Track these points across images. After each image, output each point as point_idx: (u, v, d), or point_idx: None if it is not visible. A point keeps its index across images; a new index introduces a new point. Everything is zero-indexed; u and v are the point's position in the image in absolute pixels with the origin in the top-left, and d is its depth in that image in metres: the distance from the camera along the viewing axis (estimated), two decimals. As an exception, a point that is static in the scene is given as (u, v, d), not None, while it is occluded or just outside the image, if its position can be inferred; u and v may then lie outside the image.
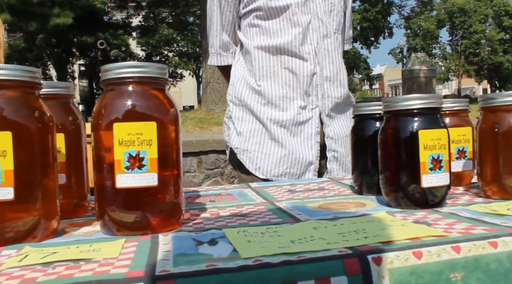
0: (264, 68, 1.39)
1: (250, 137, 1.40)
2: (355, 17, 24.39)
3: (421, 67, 11.72)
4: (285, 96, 1.38)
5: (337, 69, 1.42)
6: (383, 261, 0.49)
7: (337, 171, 1.42)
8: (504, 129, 0.80)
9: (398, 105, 0.77)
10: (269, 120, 1.38)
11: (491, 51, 31.12)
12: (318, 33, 1.38)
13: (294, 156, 1.37)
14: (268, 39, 1.38)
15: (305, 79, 1.37)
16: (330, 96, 1.41)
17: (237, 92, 1.44)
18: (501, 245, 0.52)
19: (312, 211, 0.77)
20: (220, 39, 1.51)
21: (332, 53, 1.41)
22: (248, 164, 1.40)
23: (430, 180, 0.74)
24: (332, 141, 1.42)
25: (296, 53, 1.37)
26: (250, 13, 1.41)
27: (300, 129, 1.38)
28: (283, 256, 0.49)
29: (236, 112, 1.44)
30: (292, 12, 1.36)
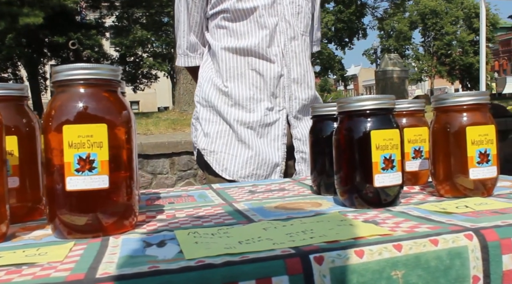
0: (231, 69, 1.39)
1: (217, 138, 1.40)
2: (330, 18, 24.61)
3: (394, 68, 11.87)
4: (252, 98, 1.38)
5: (304, 71, 1.44)
6: (324, 260, 0.49)
7: (305, 172, 1.42)
8: (456, 129, 0.82)
9: (351, 106, 0.78)
10: (236, 121, 1.38)
11: (462, 52, 31.70)
12: (286, 35, 1.39)
13: (261, 158, 1.37)
14: (235, 41, 1.38)
15: (272, 81, 1.38)
16: (298, 98, 1.42)
17: (204, 93, 1.44)
18: (441, 242, 0.54)
19: (267, 212, 0.77)
20: (187, 40, 1.50)
21: (300, 55, 1.42)
22: (215, 165, 1.40)
23: (382, 180, 0.75)
24: (300, 143, 1.43)
25: (263, 55, 1.37)
26: (217, 15, 1.41)
27: (267, 130, 1.39)
28: (227, 257, 0.50)
29: (203, 113, 1.44)
30: (259, 14, 1.36)
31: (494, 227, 0.57)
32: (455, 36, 31.72)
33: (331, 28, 25.80)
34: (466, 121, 0.82)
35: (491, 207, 0.71)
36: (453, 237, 0.54)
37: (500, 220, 0.61)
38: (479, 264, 0.54)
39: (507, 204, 0.72)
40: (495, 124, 0.83)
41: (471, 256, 0.54)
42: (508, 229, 0.57)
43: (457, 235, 0.55)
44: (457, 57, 31.73)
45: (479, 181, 0.81)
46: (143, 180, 4.47)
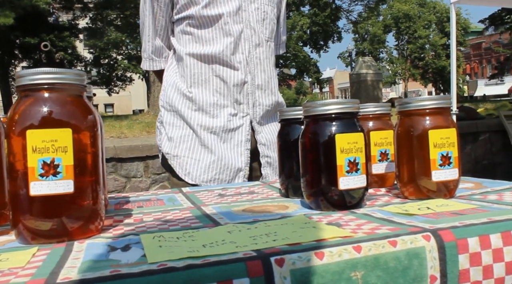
0: (195, 75, 1.40)
1: (180, 143, 1.41)
2: (305, 21, 24.75)
3: (367, 71, 11.99)
4: (216, 104, 1.39)
5: (268, 78, 1.45)
6: (285, 262, 0.50)
7: (271, 176, 1.45)
8: (419, 132, 0.84)
9: (316, 110, 0.79)
10: (199, 126, 1.39)
11: (435, 55, 32.25)
12: (250, 42, 1.40)
13: (223, 163, 1.38)
14: (200, 47, 1.39)
15: (235, 88, 1.39)
16: (261, 104, 1.44)
17: (168, 97, 1.44)
18: (400, 243, 0.55)
19: (234, 215, 0.78)
20: (152, 44, 1.50)
21: (264, 61, 1.43)
22: (178, 170, 1.40)
23: (347, 183, 0.77)
24: (264, 147, 1.45)
25: (227, 62, 1.38)
26: (183, 20, 1.41)
27: (231, 136, 1.40)
28: (189, 260, 0.50)
29: (167, 118, 1.44)
30: (224, 22, 1.37)
31: (451, 228, 0.59)
32: (427, 39, 32.27)
33: (307, 31, 25.97)
34: (428, 125, 0.84)
35: (451, 209, 0.73)
36: (411, 238, 0.56)
37: (458, 221, 0.62)
38: (436, 264, 0.56)
39: (466, 205, 0.74)
40: (457, 128, 0.86)
41: (429, 256, 0.56)
42: (465, 230, 0.59)
43: (415, 236, 0.56)
44: (430, 60, 32.27)
45: (442, 183, 0.84)
46: (117, 184, 4.43)
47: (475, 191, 0.89)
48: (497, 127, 6.02)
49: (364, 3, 25.66)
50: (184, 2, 1.38)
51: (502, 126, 5.83)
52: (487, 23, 23.61)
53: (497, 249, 0.59)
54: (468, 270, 0.58)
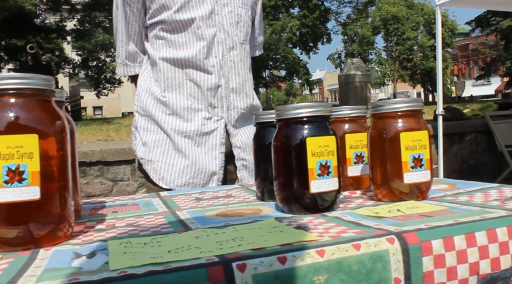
0: (169, 79, 1.40)
1: (154, 148, 1.40)
2: (294, 23, 24.79)
3: (356, 72, 12.05)
4: (190, 108, 1.39)
5: (243, 81, 1.45)
6: (247, 267, 0.50)
7: (247, 179, 1.45)
8: (391, 135, 0.85)
9: (288, 113, 0.79)
10: (173, 130, 1.39)
11: (423, 57, 32.46)
12: (224, 45, 1.40)
13: (197, 167, 1.39)
14: (174, 52, 1.38)
15: (209, 92, 1.39)
16: (236, 108, 1.44)
17: (142, 102, 1.44)
18: (363, 247, 0.55)
19: (206, 220, 0.78)
20: (126, 50, 1.50)
21: (239, 64, 1.43)
22: (152, 174, 1.41)
23: (318, 186, 0.77)
24: (240, 150, 1.46)
25: (200, 66, 1.38)
26: (156, 25, 1.41)
27: (205, 139, 1.40)
28: (150, 267, 0.50)
29: (141, 122, 1.44)
30: (196, 26, 1.36)
31: (416, 231, 0.59)
32: (416, 41, 32.47)
33: (296, 32, 26.02)
34: (400, 127, 0.84)
35: (421, 211, 0.73)
36: (375, 241, 0.56)
37: (424, 223, 0.63)
38: (400, 267, 0.56)
39: (436, 207, 0.75)
40: (428, 130, 0.86)
41: (392, 259, 0.56)
42: (429, 232, 0.59)
43: (379, 239, 0.57)
44: (418, 62, 32.49)
45: (414, 185, 0.84)
46: (103, 187, 4.41)
47: (447, 193, 0.90)
48: (482, 128, 6.05)
49: (353, 5, 25.79)
50: (156, 7, 1.38)
51: (488, 127, 5.86)
52: (473, 25, 23.84)
53: (461, 251, 0.60)
54: (432, 272, 0.58)
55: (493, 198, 0.81)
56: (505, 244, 0.63)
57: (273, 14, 25.14)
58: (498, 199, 0.80)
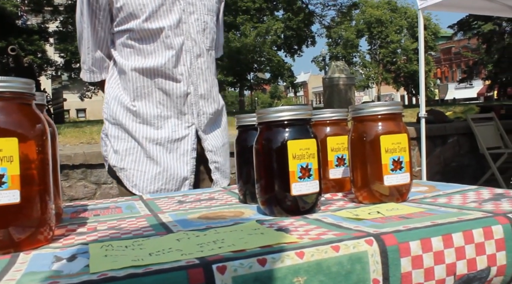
0: (138, 88, 1.41)
1: (126, 156, 1.43)
2: (279, 26, 24.88)
3: (340, 75, 12.10)
4: (160, 116, 1.41)
5: (210, 86, 1.48)
6: (227, 269, 0.51)
7: (221, 181, 1.50)
8: (371, 137, 0.86)
9: (269, 116, 0.80)
10: (144, 138, 1.41)
11: (407, 60, 32.78)
12: (191, 53, 1.42)
13: (169, 173, 1.41)
14: (143, 60, 1.39)
15: (178, 99, 1.42)
16: (205, 113, 1.47)
17: (112, 111, 1.45)
18: (342, 248, 0.56)
19: (188, 222, 0.78)
20: (92, 57, 1.50)
21: (206, 71, 1.46)
22: (125, 182, 1.43)
23: (299, 188, 0.78)
24: (212, 154, 1.49)
25: (169, 75, 1.40)
26: (123, 33, 1.41)
27: (176, 146, 1.42)
28: (131, 269, 0.50)
29: (111, 131, 1.46)
30: (165, 35, 1.38)
31: (394, 232, 0.60)
32: (399, 44, 32.79)
33: (281, 35, 26.11)
34: (380, 130, 0.85)
35: (400, 212, 0.74)
36: (354, 243, 0.57)
37: (402, 225, 0.64)
38: (379, 268, 0.57)
39: (415, 209, 0.76)
40: (408, 133, 0.88)
41: (371, 260, 0.57)
42: (407, 234, 0.60)
43: (358, 241, 0.58)
44: (402, 65, 32.79)
45: (394, 187, 0.85)
46: (86, 191, 4.37)
47: (427, 195, 0.91)
48: (464, 130, 6.13)
49: (337, 8, 25.95)
50: (124, 15, 1.38)
51: (470, 129, 5.94)
52: (456, 29, 24.14)
53: (438, 252, 0.61)
54: (410, 272, 0.59)
55: (471, 200, 0.83)
56: (481, 245, 0.64)
57: (257, 16, 25.21)
58: (476, 201, 0.81)
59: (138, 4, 1.35)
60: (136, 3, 1.35)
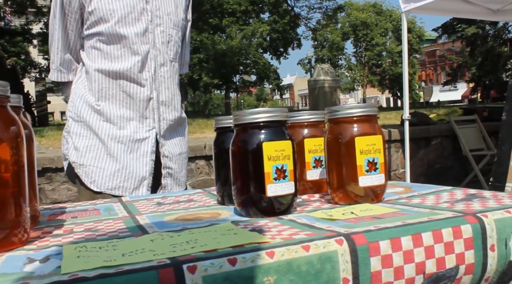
0: (103, 90, 1.46)
1: (86, 152, 1.46)
2: (265, 28, 24.96)
3: (325, 78, 12.16)
4: (123, 116, 1.46)
5: (172, 95, 1.55)
6: (197, 269, 0.51)
7: (171, 186, 1.56)
8: (347, 139, 0.87)
9: (245, 118, 0.81)
10: (107, 136, 1.45)
11: (392, 62, 33.07)
12: (156, 61, 1.49)
13: (128, 171, 1.46)
14: (109, 63, 1.45)
15: (141, 103, 1.47)
16: (165, 119, 1.53)
17: (77, 109, 1.49)
18: (313, 248, 0.57)
19: (165, 224, 0.79)
20: (61, 57, 1.55)
21: (168, 80, 1.53)
22: (84, 178, 1.46)
23: (275, 189, 0.79)
24: (167, 159, 1.54)
25: (134, 79, 1.46)
26: (93, 36, 1.46)
27: (137, 146, 1.47)
28: (102, 270, 0.51)
29: (74, 128, 1.50)
30: (132, 42, 1.45)
31: (364, 232, 0.61)
32: (384, 47, 33.09)
33: (266, 38, 26.18)
34: (355, 132, 0.87)
35: (373, 213, 0.75)
36: (324, 243, 0.58)
37: (373, 225, 0.65)
38: (349, 267, 0.58)
39: (388, 209, 0.77)
40: (383, 135, 0.89)
41: (341, 259, 0.58)
42: (377, 233, 0.61)
43: (328, 241, 0.59)
44: (387, 67, 33.09)
45: (369, 188, 0.87)
46: (70, 193, 4.34)
47: (402, 195, 0.93)
48: (448, 132, 6.20)
49: (322, 11, 26.08)
50: (94, 19, 1.44)
51: (453, 131, 6.01)
52: (440, 32, 24.39)
53: (407, 251, 0.62)
54: (380, 271, 0.60)
55: (444, 200, 0.84)
56: (450, 244, 0.66)
57: (243, 19, 25.26)
58: (449, 201, 0.83)
59: (109, 9, 1.43)
60: (106, 8, 1.43)
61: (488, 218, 0.69)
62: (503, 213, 0.71)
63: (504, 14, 5.51)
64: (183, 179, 1.61)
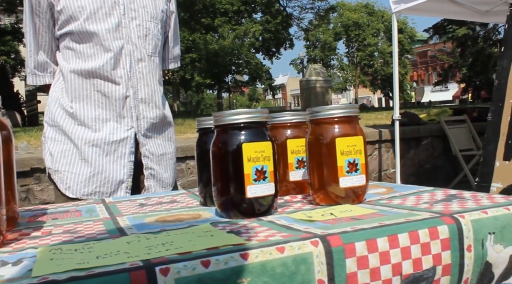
0: (76, 90, 1.42)
1: (60, 158, 1.44)
2: (257, 28, 24.93)
3: (317, 78, 12.19)
4: (98, 118, 1.42)
5: (152, 91, 1.49)
6: (170, 271, 0.51)
7: (154, 188, 1.51)
8: (328, 140, 0.87)
9: (225, 119, 0.81)
10: (81, 140, 1.42)
11: (384, 63, 33.17)
12: (132, 57, 1.44)
13: (104, 176, 1.42)
14: (82, 63, 1.41)
15: (117, 102, 1.43)
16: (146, 117, 1.48)
17: (51, 113, 1.46)
18: (287, 249, 0.57)
19: (144, 225, 0.78)
20: (34, 60, 1.51)
21: (147, 76, 1.48)
22: (59, 184, 1.44)
23: (254, 191, 0.79)
24: (148, 160, 1.50)
25: (108, 77, 1.42)
26: (65, 36, 1.43)
27: (114, 148, 1.43)
28: (73, 272, 0.50)
29: (49, 133, 1.47)
30: (103, 38, 1.40)
31: (340, 233, 0.61)
32: (376, 47, 33.17)
33: (259, 38, 26.17)
34: (336, 133, 0.87)
35: (352, 214, 0.75)
36: (300, 244, 0.58)
37: (350, 226, 0.65)
38: (324, 269, 0.58)
39: (368, 210, 0.78)
40: (364, 136, 0.89)
41: (316, 261, 0.58)
42: (353, 235, 0.62)
43: (304, 242, 0.59)
44: (379, 68, 33.17)
45: (349, 189, 0.87)
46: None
47: (383, 196, 0.93)
48: (438, 132, 6.23)
49: (314, 11, 26.13)
50: (64, 18, 1.40)
51: (443, 131, 6.04)
52: (431, 32, 24.49)
53: (383, 252, 0.62)
54: (355, 273, 0.60)
55: (423, 201, 0.84)
56: (427, 245, 0.66)
57: (236, 19, 25.23)
58: (428, 202, 0.83)
59: (77, 6, 1.39)
60: (75, 6, 1.39)
61: (465, 218, 0.69)
62: (480, 214, 0.71)
63: (492, 15, 5.55)
64: (169, 180, 1.56)
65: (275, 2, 24.79)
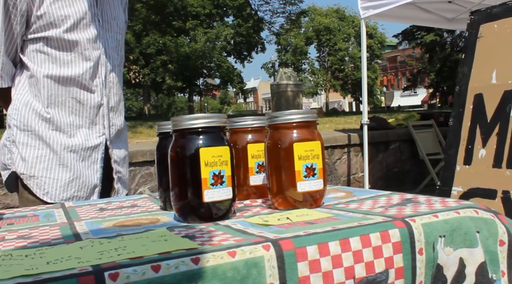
0: (52, 96, 1.42)
1: (36, 163, 1.41)
2: (229, 32, 24.95)
3: (288, 82, 12.26)
4: (73, 124, 1.43)
5: (119, 100, 1.55)
6: (119, 276, 0.51)
7: (122, 190, 1.56)
8: (286, 145, 0.88)
9: (183, 124, 0.81)
10: (59, 145, 1.42)
11: (354, 67, 33.60)
12: (106, 67, 1.48)
13: (82, 180, 1.44)
14: (58, 69, 1.40)
15: (92, 110, 1.45)
16: (114, 125, 1.53)
17: (23, 117, 1.42)
18: (239, 254, 0.58)
19: (101, 230, 0.78)
20: (3, 62, 1.46)
21: (116, 85, 1.53)
22: (36, 190, 1.41)
23: (212, 195, 0.79)
24: (116, 164, 1.54)
25: (85, 86, 1.43)
26: (39, 40, 1.41)
27: (89, 153, 1.46)
28: (20, 279, 0.50)
29: (20, 137, 1.43)
30: (84, 47, 1.42)
31: (292, 237, 0.62)
32: (347, 52, 33.60)
33: (230, 41, 26.19)
34: (294, 138, 0.88)
35: (308, 218, 0.77)
36: (251, 248, 0.59)
37: (303, 230, 0.66)
38: (275, 272, 0.59)
39: (324, 214, 0.79)
40: (322, 140, 0.91)
41: (267, 265, 0.59)
42: (305, 239, 0.63)
43: (255, 246, 0.59)
44: (350, 72, 33.60)
45: (307, 193, 0.88)
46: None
47: (341, 201, 0.95)
48: (405, 137, 6.35)
49: (286, 15, 26.30)
50: (43, 23, 1.38)
51: (411, 136, 6.16)
52: (400, 38, 24.92)
53: (336, 256, 0.63)
54: (308, 276, 0.61)
55: (379, 205, 0.86)
56: (379, 248, 0.67)
57: (207, 22, 25.19)
58: (383, 206, 0.85)
59: (61, 15, 1.38)
60: (58, 14, 1.38)
61: (416, 222, 0.71)
62: (431, 218, 0.73)
63: (458, 22, 5.69)
64: (128, 181, 1.63)
65: (247, 6, 24.86)
